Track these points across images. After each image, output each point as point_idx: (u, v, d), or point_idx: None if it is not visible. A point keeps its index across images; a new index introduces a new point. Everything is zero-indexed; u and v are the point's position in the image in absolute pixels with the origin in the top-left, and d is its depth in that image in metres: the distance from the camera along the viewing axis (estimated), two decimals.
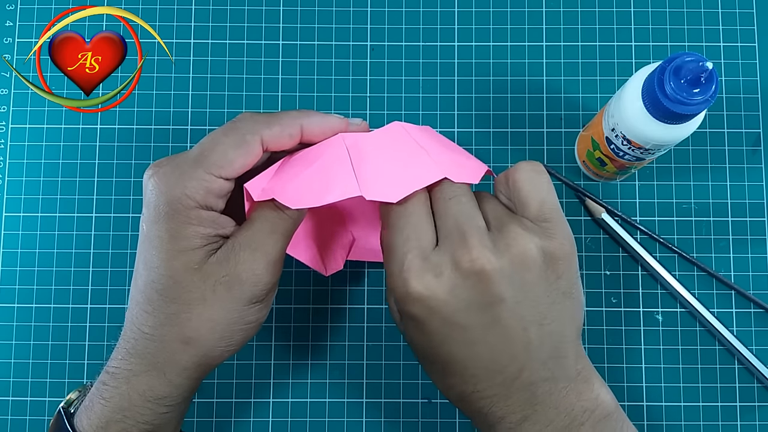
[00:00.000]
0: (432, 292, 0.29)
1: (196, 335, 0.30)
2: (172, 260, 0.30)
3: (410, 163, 0.31)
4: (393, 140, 0.32)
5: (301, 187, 0.30)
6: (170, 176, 0.30)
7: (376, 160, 0.31)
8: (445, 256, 0.29)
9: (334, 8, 0.47)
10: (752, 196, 0.45)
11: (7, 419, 0.43)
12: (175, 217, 0.30)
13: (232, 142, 0.30)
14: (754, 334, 0.43)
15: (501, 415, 0.30)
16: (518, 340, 0.29)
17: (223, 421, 0.43)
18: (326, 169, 0.31)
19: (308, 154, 0.32)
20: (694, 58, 0.31)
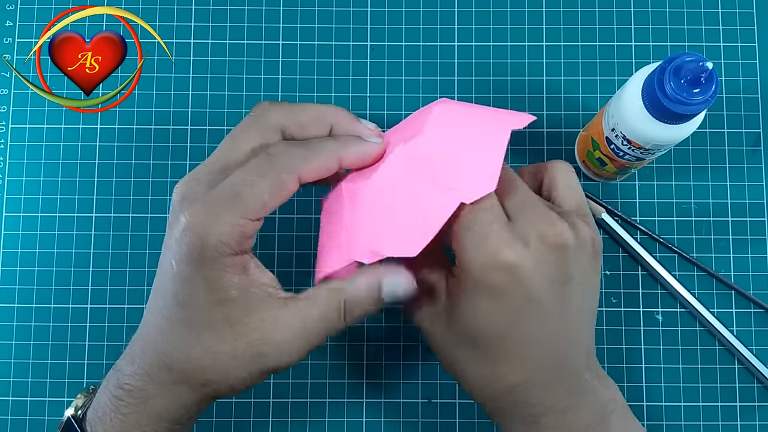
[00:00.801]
0: (522, 260, 0.28)
1: (217, 380, 0.30)
2: (210, 309, 0.29)
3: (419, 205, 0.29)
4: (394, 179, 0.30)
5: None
6: (205, 218, 0.28)
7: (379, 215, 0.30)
8: (531, 229, 0.29)
9: (334, 8, 0.47)
10: (752, 196, 0.45)
11: (7, 419, 0.43)
12: (212, 265, 0.28)
13: (269, 185, 0.29)
14: (754, 334, 0.43)
15: (549, 404, 0.30)
16: (575, 323, 0.30)
17: (223, 421, 0.43)
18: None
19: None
20: (694, 58, 0.31)
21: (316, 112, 0.32)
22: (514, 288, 0.28)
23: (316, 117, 0.32)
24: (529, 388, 0.30)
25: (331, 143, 0.31)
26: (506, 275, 0.28)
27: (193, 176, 0.31)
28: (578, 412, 0.30)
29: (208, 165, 0.31)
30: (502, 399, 0.31)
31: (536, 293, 0.29)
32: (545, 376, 0.30)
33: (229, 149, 0.31)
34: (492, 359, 0.30)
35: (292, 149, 0.30)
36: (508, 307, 0.29)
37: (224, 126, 0.45)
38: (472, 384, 0.32)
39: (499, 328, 0.30)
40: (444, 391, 0.43)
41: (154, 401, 0.31)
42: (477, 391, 0.32)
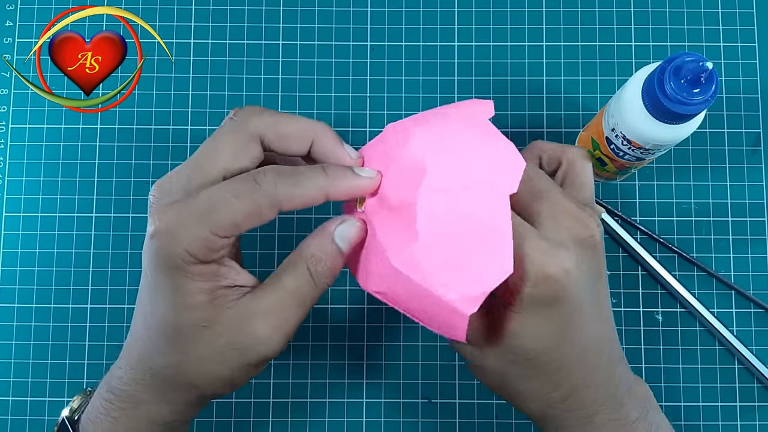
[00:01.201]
0: (567, 267, 0.28)
1: (202, 383, 0.30)
2: (179, 314, 0.29)
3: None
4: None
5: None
6: (174, 226, 0.28)
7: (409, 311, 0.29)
8: (565, 232, 0.29)
9: (334, 8, 0.47)
10: (752, 196, 0.45)
11: (7, 419, 0.43)
12: (177, 272, 0.28)
13: (244, 209, 0.28)
14: (754, 334, 0.43)
15: (602, 401, 0.31)
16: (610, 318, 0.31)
17: (223, 421, 0.43)
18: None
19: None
20: (694, 58, 0.31)
21: (300, 126, 0.30)
22: (564, 296, 0.28)
23: (299, 131, 0.30)
24: (585, 389, 0.30)
25: (320, 178, 0.29)
26: (556, 286, 0.28)
27: (170, 178, 0.30)
28: (627, 406, 0.31)
29: (186, 167, 0.30)
30: (558, 406, 0.31)
31: (582, 296, 0.29)
32: (597, 375, 0.31)
33: (208, 153, 0.30)
34: (548, 369, 0.30)
35: (279, 179, 0.28)
36: (559, 316, 0.29)
37: None
38: (527, 398, 0.31)
39: (554, 338, 0.29)
40: (444, 391, 0.43)
41: (144, 405, 0.31)
42: (532, 402, 0.31)
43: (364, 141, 0.45)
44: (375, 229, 0.29)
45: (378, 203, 0.29)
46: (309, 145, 0.31)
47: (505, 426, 0.43)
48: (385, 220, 0.29)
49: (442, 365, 0.43)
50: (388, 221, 0.28)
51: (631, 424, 0.31)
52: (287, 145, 0.31)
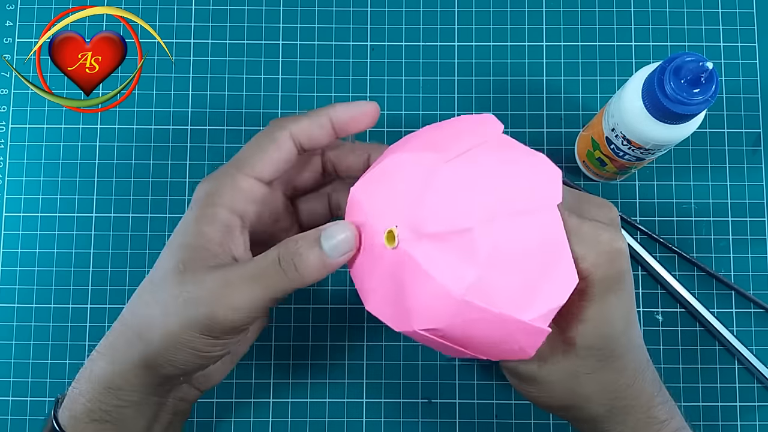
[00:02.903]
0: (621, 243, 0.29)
1: (146, 333, 0.30)
2: (170, 252, 0.30)
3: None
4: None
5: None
6: (210, 179, 0.32)
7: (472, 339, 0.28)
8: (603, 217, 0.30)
9: (334, 8, 0.47)
10: (752, 196, 0.45)
11: (7, 419, 0.43)
12: (198, 213, 0.31)
13: (261, 142, 0.32)
14: (754, 334, 0.43)
15: (659, 387, 0.32)
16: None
17: (223, 421, 0.43)
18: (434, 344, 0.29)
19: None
20: (694, 58, 0.31)
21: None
22: (627, 270, 0.29)
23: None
24: (643, 372, 0.31)
25: (321, 108, 0.33)
26: (622, 260, 0.29)
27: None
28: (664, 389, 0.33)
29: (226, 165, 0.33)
30: (625, 394, 0.31)
31: (630, 272, 0.30)
32: (645, 354, 0.32)
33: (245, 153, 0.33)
34: (617, 354, 0.30)
35: (283, 118, 0.32)
36: (626, 294, 0.30)
37: (224, 126, 0.45)
38: (594, 399, 0.31)
39: (624, 318, 0.30)
40: (444, 391, 0.43)
41: (99, 364, 0.31)
42: (600, 401, 0.31)
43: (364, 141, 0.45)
44: (417, 263, 0.27)
45: (413, 236, 0.27)
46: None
47: (505, 426, 0.43)
48: (429, 253, 0.27)
49: (442, 365, 0.43)
50: (434, 254, 0.27)
51: (675, 404, 0.33)
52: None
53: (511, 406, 0.43)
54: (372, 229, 0.29)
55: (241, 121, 0.45)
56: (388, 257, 0.28)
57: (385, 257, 0.28)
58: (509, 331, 0.27)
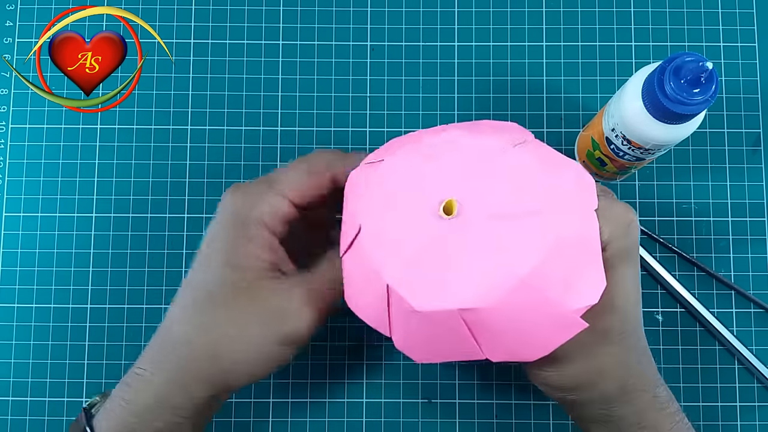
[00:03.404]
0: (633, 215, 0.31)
1: (221, 353, 0.30)
2: (223, 271, 0.30)
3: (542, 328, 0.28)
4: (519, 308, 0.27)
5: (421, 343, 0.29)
6: (243, 194, 0.32)
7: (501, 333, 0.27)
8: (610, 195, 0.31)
9: (334, 8, 0.47)
10: (752, 196, 0.45)
11: (7, 419, 0.43)
12: (237, 231, 0.31)
13: (304, 168, 0.32)
14: (754, 334, 0.43)
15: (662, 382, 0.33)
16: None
17: (223, 421, 0.43)
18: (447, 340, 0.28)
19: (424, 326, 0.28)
20: (694, 58, 0.31)
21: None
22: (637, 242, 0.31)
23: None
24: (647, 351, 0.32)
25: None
26: (637, 231, 0.31)
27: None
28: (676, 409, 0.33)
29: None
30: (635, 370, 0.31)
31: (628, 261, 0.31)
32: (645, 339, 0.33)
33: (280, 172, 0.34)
34: (629, 331, 0.31)
35: (329, 151, 0.34)
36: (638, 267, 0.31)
37: (224, 126, 0.45)
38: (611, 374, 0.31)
39: (637, 288, 0.31)
40: (444, 391, 0.43)
41: (157, 385, 0.31)
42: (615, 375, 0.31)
43: (364, 141, 0.45)
44: (479, 237, 0.27)
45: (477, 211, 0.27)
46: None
47: (505, 426, 0.43)
48: (494, 230, 0.27)
49: (442, 365, 0.43)
50: (499, 231, 0.27)
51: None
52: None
53: (511, 406, 0.43)
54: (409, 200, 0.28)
55: (241, 121, 0.45)
56: (434, 229, 0.27)
57: (427, 228, 0.27)
58: (550, 321, 0.27)
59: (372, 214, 0.28)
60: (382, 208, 0.28)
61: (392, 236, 0.28)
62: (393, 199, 0.28)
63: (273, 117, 0.45)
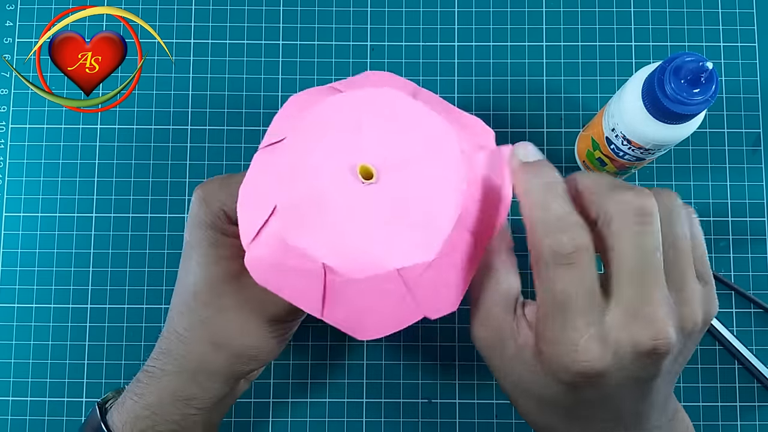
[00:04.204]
0: (605, 370, 0.24)
1: (225, 341, 0.31)
2: (209, 265, 0.31)
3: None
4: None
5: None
6: (214, 190, 0.32)
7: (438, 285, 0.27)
8: (623, 333, 0.23)
9: (334, 8, 0.47)
10: (752, 196, 0.45)
11: (7, 419, 0.43)
12: (214, 227, 0.31)
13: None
14: (754, 334, 0.43)
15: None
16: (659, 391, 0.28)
17: (222, 421, 0.43)
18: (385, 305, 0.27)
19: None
20: (694, 58, 0.31)
21: None
22: (590, 389, 0.25)
23: None
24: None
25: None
26: (583, 379, 0.24)
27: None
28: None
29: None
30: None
31: (616, 393, 0.25)
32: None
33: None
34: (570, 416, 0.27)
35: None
36: (586, 398, 0.25)
37: (224, 126, 0.45)
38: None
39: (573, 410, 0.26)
40: (444, 391, 0.43)
41: (168, 378, 0.31)
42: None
43: None
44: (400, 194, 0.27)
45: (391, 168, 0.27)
46: None
47: (505, 426, 0.43)
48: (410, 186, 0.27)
49: (442, 365, 0.43)
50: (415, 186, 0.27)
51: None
52: None
53: (511, 406, 0.43)
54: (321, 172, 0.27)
55: (241, 121, 0.45)
56: (354, 195, 0.26)
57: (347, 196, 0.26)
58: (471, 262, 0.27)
59: (284, 191, 0.27)
60: (294, 184, 0.27)
61: (311, 210, 0.27)
62: (304, 174, 0.27)
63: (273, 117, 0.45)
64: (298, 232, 0.26)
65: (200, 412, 0.32)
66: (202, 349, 0.31)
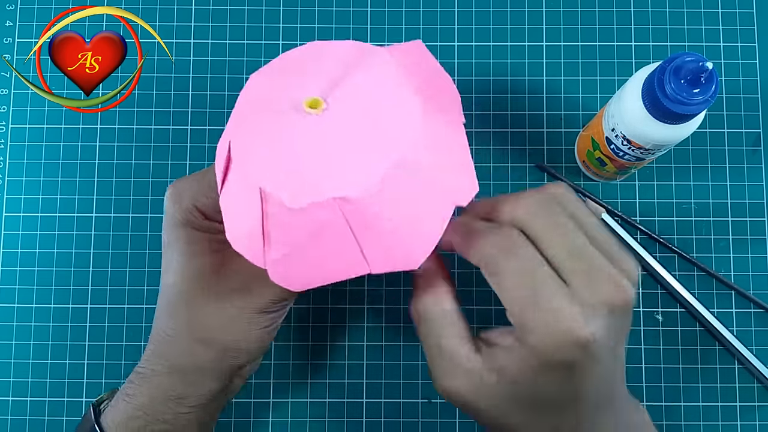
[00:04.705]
0: (595, 334, 0.26)
1: (212, 336, 0.31)
2: (188, 263, 0.31)
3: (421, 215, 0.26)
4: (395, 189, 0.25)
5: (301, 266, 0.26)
6: (186, 188, 0.32)
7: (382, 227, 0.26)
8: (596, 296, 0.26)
9: (334, 8, 0.47)
10: (752, 196, 0.45)
11: (7, 419, 0.43)
12: (188, 224, 0.31)
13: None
14: (754, 334, 0.43)
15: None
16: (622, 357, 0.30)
17: (222, 422, 0.43)
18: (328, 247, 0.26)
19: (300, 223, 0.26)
20: (694, 58, 0.31)
21: None
22: (585, 360, 0.26)
23: None
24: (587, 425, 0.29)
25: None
26: (579, 351, 0.26)
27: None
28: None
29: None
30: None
31: (603, 356, 0.27)
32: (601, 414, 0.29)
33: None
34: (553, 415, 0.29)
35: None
36: (575, 376, 0.27)
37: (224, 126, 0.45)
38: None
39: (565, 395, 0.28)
40: None
41: (159, 378, 0.31)
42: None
43: None
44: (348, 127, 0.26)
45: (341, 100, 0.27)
46: None
47: None
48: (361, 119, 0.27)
49: None
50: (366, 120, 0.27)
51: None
52: None
53: None
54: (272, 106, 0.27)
55: None
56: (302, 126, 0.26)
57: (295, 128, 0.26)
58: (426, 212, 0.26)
59: (238, 129, 0.27)
60: (246, 122, 0.27)
61: (260, 144, 0.26)
62: (256, 110, 0.27)
63: None
64: (242, 162, 0.27)
65: (193, 410, 0.32)
66: (190, 347, 0.31)
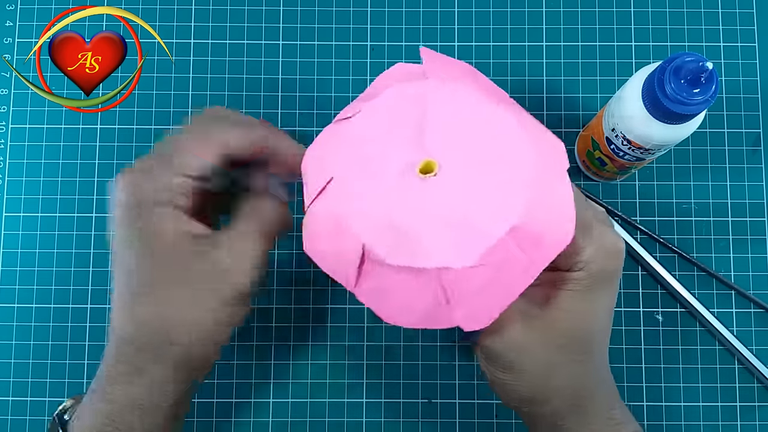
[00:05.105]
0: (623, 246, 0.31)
1: (175, 337, 0.29)
2: (147, 260, 0.29)
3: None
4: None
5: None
6: (139, 176, 0.30)
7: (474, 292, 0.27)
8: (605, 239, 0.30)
9: (334, 8, 0.47)
10: (752, 196, 0.45)
11: (7, 419, 0.43)
12: (146, 216, 0.29)
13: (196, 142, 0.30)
14: (754, 334, 0.43)
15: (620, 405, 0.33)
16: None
17: (223, 421, 0.43)
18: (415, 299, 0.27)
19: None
20: (694, 58, 0.31)
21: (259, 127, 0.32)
22: (619, 273, 0.31)
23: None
24: (609, 374, 0.33)
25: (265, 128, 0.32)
26: (622, 260, 0.30)
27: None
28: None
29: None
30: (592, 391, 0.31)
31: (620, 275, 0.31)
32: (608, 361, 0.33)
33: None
34: (592, 352, 0.31)
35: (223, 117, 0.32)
36: (614, 294, 0.31)
37: None
38: (563, 389, 0.31)
39: (608, 316, 0.31)
40: (444, 391, 0.43)
41: (122, 385, 0.30)
42: (570, 390, 0.31)
43: None
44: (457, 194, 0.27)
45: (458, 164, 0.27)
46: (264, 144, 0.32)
47: (505, 426, 0.43)
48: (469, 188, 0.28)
49: (442, 365, 0.43)
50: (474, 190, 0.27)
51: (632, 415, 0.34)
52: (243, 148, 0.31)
53: None
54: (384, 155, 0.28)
55: None
56: (411, 186, 0.27)
57: (404, 185, 0.27)
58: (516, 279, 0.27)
59: (344, 166, 0.28)
60: (354, 162, 0.28)
61: (365, 190, 0.27)
62: (366, 152, 0.28)
63: (273, 117, 0.45)
64: (346, 207, 0.27)
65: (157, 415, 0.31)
66: (151, 349, 0.30)
